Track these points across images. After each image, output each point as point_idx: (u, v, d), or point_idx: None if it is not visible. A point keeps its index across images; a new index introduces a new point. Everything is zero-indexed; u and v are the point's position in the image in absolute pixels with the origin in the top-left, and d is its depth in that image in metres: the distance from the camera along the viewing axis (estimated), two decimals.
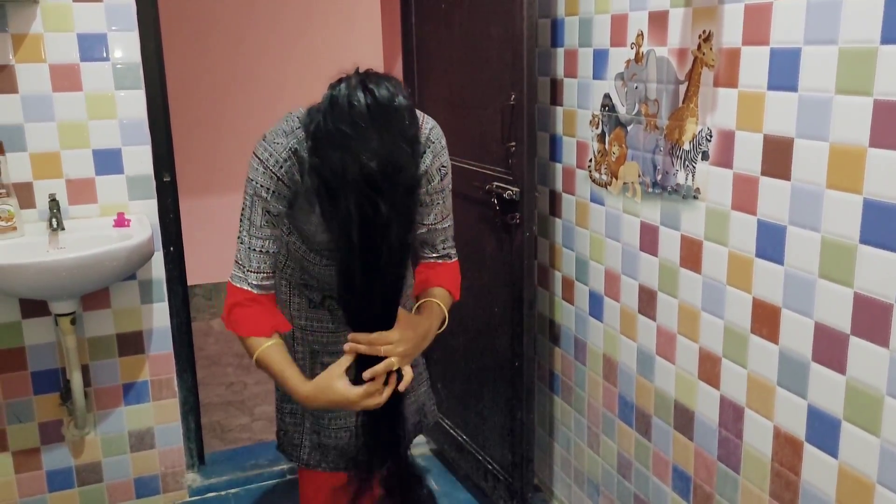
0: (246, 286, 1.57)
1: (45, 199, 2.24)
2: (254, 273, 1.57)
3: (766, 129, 1.46)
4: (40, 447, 2.40)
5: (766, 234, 1.50)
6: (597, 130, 2.02)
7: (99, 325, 2.38)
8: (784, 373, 1.49)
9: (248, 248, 1.56)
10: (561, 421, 2.38)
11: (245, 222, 1.56)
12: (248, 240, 1.56)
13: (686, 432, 1.80)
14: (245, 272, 1.57)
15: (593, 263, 2.11)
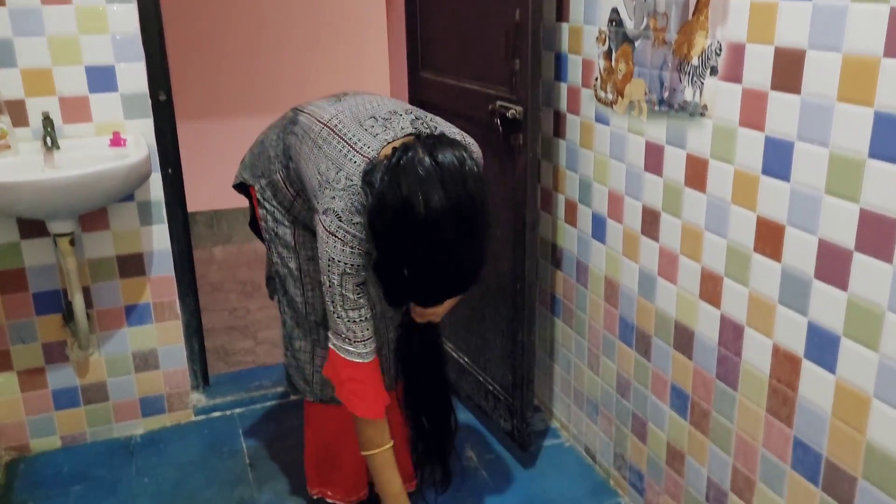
0: (359, 359, 1.59)
1: (38, 117, 2.20)
2: (362, 343, 1.58)
3: (777, 41, 1.42)
4: (45, 367, 2.42)
5: (773, 151, 1.47)
6: (603, 47, 1.97)
7: (99, 246, 2.37)
8: (786, 290, 1.48)
9: (349, 321, 1.56)
10: (561, 343, 2.39)
11: (338, 298, 1.55)
12: (346, 313, 1.56)
13: (685, 351, 1.81)
14: (354, 344, 1.58)
15: (597, 185, 2.09)
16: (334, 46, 4.35)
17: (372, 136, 1.54)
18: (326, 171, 1.54)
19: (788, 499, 1.55)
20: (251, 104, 4.24)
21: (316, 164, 1.58)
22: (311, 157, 1.60)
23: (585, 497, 2.19)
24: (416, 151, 1.41)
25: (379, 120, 1.58)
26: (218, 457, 2.43)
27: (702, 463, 1.80)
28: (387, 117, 1.59)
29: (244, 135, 4.31)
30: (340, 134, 1.57)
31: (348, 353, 1.57)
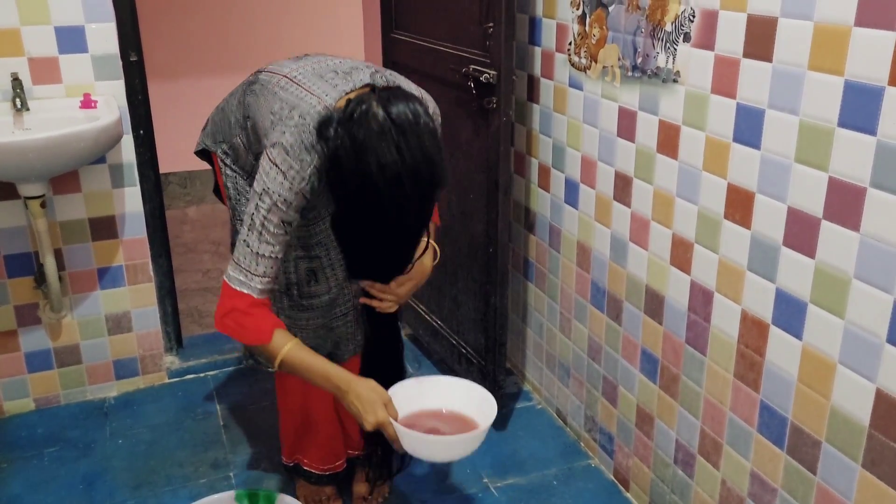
0: (247, 290, 1.52)
1: (7, 79, 2.15)
2: (259, 278, 1.52)
3: (749, 9, 1.42)
4: (17, 329, 2.40)
5: (744, 118, 1.48)
6: (577, 11, 1.96)
7: (70, 208, 2.34)
8: (755, 257, 1.51)
9: (255, 254, 1.50)
10: (534, 307, 2.42)
11: (256, 228, 1.50)
12: (258, 245, 1.50)
13: (656, 316, 1.84)
14: (250, 277, 1.51)
15: (570, 150, 2.09)
16: (308, 4, 4.28)
17: (331, 87, 1.52)
18: (279, 111, 1.52)
19: (754, 461, 1.59)
20: (223, 63, 4.17)
21: (269, 107, 1.56)
22: (266, 105, 1.58)
23: (556, 458, 2.23)
24: (370, 104, 1.39)
25: (339, 73, 1.57)
26: (192, 419, 2.44)
27: (671, 426, 1.84)
28: (347, 71, 1.57)
29: (217, 94, 4.23)
30: (299, 82, 1.55)
31: (241, 283, 1.51)
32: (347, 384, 1.53)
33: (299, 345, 1.56)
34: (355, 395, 1.53)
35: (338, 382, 1.54)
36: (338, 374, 1.55)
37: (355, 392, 1.53)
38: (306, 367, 1.56)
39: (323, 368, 1.56)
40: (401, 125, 1.38)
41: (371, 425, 1.50)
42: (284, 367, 1.56)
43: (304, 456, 2.01)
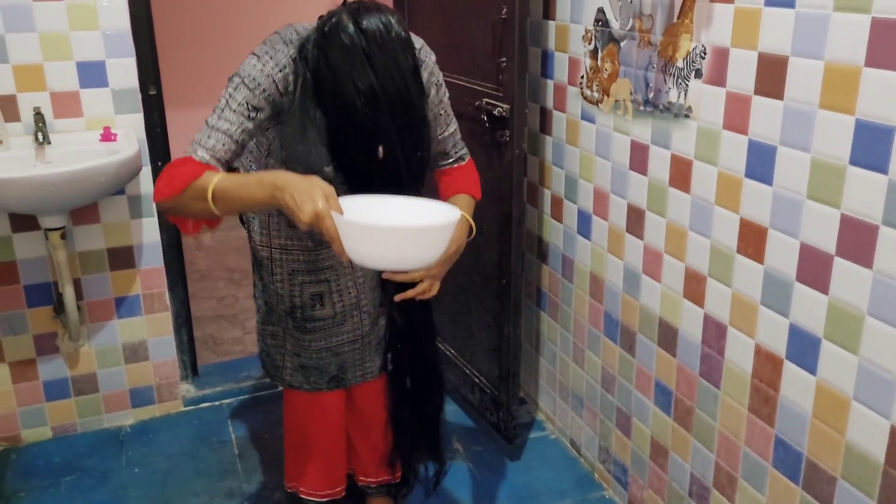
0: (192, 155, 1.45)
1: (29, 113, 2.20)
2: (205, 149, 1.45)
3: (761, 47, 1.44)
4: (36, 358, 2.43)
5: (756, 154, 1.49)
6: (589, 46, 1.98)
7: (89, 239, 2.38)
8: (768, 292, 1.51)
9: (210, 126, 1.47)
10: (547, 336, 2.42)
11: (220, 107, 1.48)
12: (216, 120, 1.47)
13: (669, 349, 1.84)
14: (195, 147, 1.46)
15: (582, 182, 2.11)
16: None
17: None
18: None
19: (770, 496, 1.59)
20: None
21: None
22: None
23: (571, 489, 2.23)
24: (341, 18, 1.41)
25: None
26: (207, 447, 2.45)
27: (685, 459, 1.84)
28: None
29: None
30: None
31: (186, 153, 1.47)
32: (284, 181, 1.34)
33: (232, 174, 1.45)
34: (293, 188, 1.32)
35: (273, 180, 1.36)
36: (273, 175, 1.37)
37: (293, 186, 1.33)
38: (240, 184, 1.40)
39: (256, 176, 1.40)
40: (372, 36, 1.39)
41: (308, 216, 1.29)
42: (219, 200, 1.40)
43: (302, 482, 1.98)
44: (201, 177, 1.40)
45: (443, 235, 1.32)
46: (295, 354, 1.85)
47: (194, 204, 1.42)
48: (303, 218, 1.30)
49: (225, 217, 1.49)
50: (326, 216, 1.29)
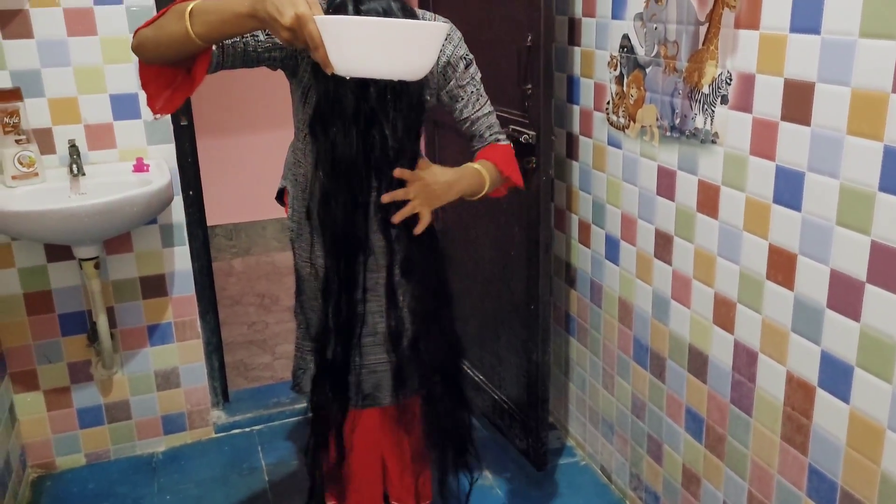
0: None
1: (64, 145, 2.25)
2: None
3: (787, 73, 1.44)
4: (70, 386, 2.47)
5: (784, 180, 1.48)
6: (615, 72, 1.99)
7: (122, 268, 2.42)
8: (798, 319, 1.50)
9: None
10: (576, 362, 2.41)
11: None
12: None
13: (700, 375, 1.82)
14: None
15: (610, 207, 2.11)
16: None
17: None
18: None
19: None
20: (269, 120, 4.30)
21: None
22: None
23: None
24: (344, 1, 1.46)
25: None
26: (238, 474, 2.47)
27: (717, 487, 1.81)
28: None
29: (262, 149, 4.37)
30: None
31: None
32: None
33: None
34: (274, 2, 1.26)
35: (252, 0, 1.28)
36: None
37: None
38: (212, 8, 1.34)
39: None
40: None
41: (289, 19, 1.23)
42: (197, 14, 1.34)
43: (337, 501, 1.99)
44: (178, 4, 1.38)
45: (431, 37, 1.24)
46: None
47: (171, 26, 1.36)
48: (284, 22, 1.23)
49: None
50: (309, 19, 1.23)
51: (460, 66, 1.67)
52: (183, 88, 1.51)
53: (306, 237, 1.79)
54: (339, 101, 1.55)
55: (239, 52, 1.50)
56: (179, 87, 1.52)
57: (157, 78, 1.50)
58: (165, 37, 1.39)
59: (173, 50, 1.40)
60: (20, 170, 2.16)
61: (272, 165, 2.61)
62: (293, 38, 1.26)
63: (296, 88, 1.65)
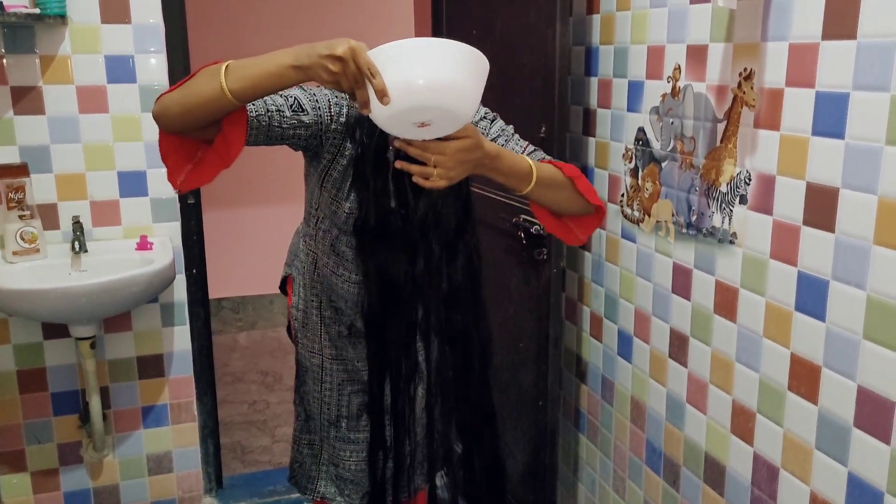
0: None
1: (69, 221, 2.22)
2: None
3: (809, 177, 1.38)
4: (59, 468, 2.38)
5: (806, 288, 1.41)
6: (630, 165, 1.94)
7: (120, 347, 2.36)
8: (823, 436, 1.40)
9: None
10: (586, 461, 2.30)
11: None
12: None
13: (717, 487, 1.71)
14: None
15: (623, 302, 2.03)
16: None
17: None
18: None
19: None
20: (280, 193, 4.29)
21: None
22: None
23: None
24: None
25: None
26: None
27: None
28: None
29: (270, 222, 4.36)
30: None
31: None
32: (311, 44, 1.27)
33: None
34: (319, 43, 1.25)
35: (298, 46, 1.27)
36: (297, 48, 1.28)
37: (319, 42, 1.26)
38: (259, 57, 1.31)
39: (274, 53, 1.30)
40: None
41: (342, 50, 1.21)
42: (233, 70, 1.29)
43: None
44: (216, 65, 1.32)
45: (477, 62, 1.23)
46: (332, 464, 1.78)
47: (202, 85, 1.31)
48: (337, 53, 1.21)
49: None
50: (362, 49, 1.21)
51: (482, 125, 1.63)
52: (211, 162, 1.44)
53: (314, 328, 1.73)
54: (384, 221, 1.51)
55: (264, 126, 1.44)
56: (204, 161, 1.45)
57: (177, 149, 1.43)
58: (194, 97, 1.33)
59: (202, 112, 1.33)
60: (22, 245, 2.13)
61: (282, 239, 2.57)
62: (342, 72, 1.23)
63: (313, 172, 1.61)
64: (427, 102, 1.22)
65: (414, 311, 1.60)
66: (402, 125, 1.28)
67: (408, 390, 1.65)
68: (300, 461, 1.83)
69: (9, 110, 2.15)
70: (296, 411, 1.83)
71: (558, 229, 1.62)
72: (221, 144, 1.39)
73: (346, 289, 1.63)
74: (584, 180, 1.57)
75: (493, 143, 1.51)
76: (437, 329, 1.62)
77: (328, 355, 1.71)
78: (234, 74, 1.29)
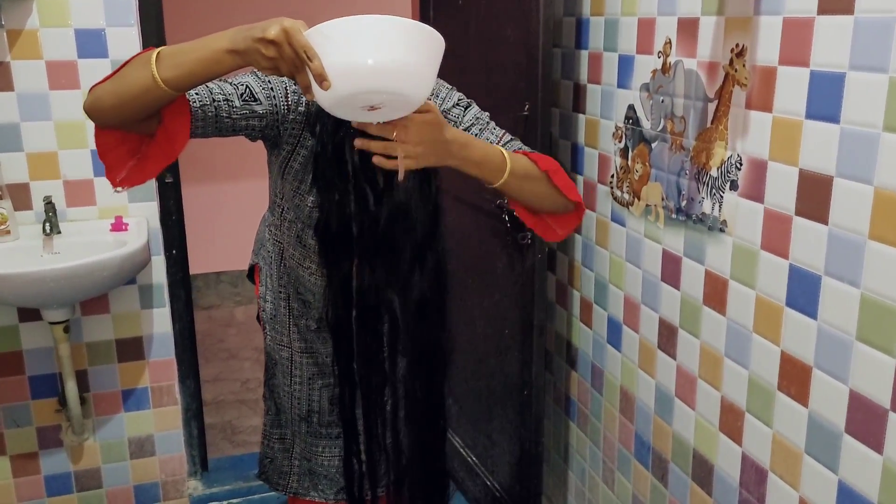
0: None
1: (41, 201, 2.15)
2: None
3: (802, 163, 1.27)
4: (38, 452, 2.34)
5: (798, 282, 1.31)
6: (620, 144, 1.84)
7: (98, 330, 2.29)
8: (813, 440, 1.31)
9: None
10: (576, 449, 2.23)
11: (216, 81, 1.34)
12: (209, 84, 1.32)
13: (704, 486, 1.63)
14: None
15: (612, 287, 1.94)
16: None
17: None
18: None
19: None
20: None
21: None
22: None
23: None
24: None
25: None
26: None
27: None
28: None
29: None
30: None
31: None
32: (246, 26, 1.16)
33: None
34: (253, 25, 1.15)
35: (230, 31, 1.18)
36: (233, 30, 1.18)
37: (253, 24, 1.15)
38: (192, 42, 1.21)
39: (209, 37, 1.20)
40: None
41: (274, 33, 1.11)
42: (165, 57, 1.20)
43: None
44: (130, 64, 1.23)
45: (429, 40, 1.13)
46: (305, 459, 1.71)
47: (133, 74, 1.21)
48: (269, 36, 1.11)
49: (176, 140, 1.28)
50: (296, 30, 1.11)
51: (454, 113, 1.51)
52: (154, 157, 1.36)
53: (282, 320, 1.65)
54: (347, 226, 1.39)
55: (210, 117, 1.34)
56: (147, 156, 1.37)
57: (117, 146, 1.34)
58: (126, 88, 1.23)
59: (136, 104, 1.23)
60: None
61: None
62: (278, 56, 1.12)
63: (273, 161, 1.52)
64: (371, 86, 1.12)
65: (379, 322, 1.50)
66: (349, 109, 1.18)
67: (378, 401, 1.57)
68: (271, 456, 1.76)
69: None
70: (265, 405, 1.76)
71: (536, 225, 1.53)
72: (164, 138, 1.30)
73: (312, 282, 1.55)
74: (562, 175, 1.47)
75: (465, 132, 1.41)
76: (404, 342, 1.52)
77: (297, 348, 1.64)
78: (167, 62, 1.19)
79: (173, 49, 1.21)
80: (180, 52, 1.20)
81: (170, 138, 1.29)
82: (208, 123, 1.34)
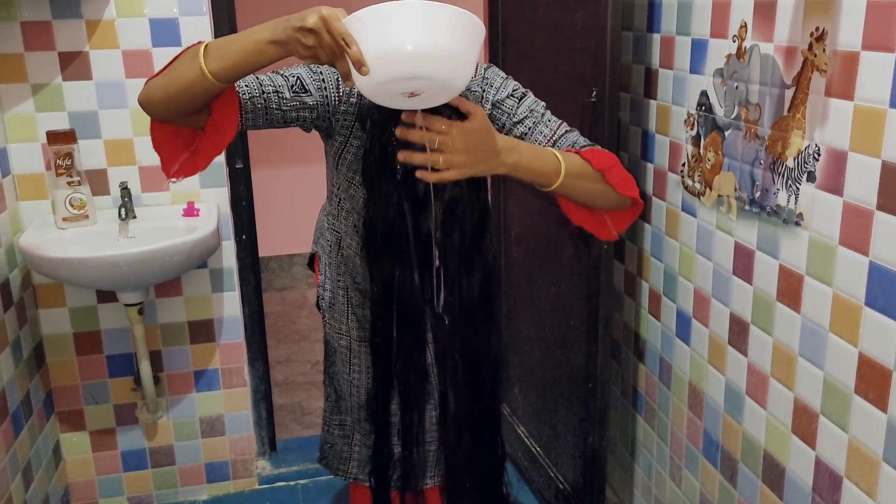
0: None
1: (118, 187, 2.21)
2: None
3: (885, 155, 1.19)
4: (116, 428, 2.43)
5: (878, 281, 1.23)
6: (692, 132, 1.77)
7: (171, 312, 2.36)
8: (892, 447, 1.24)
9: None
10: (643, 443, 2.18)
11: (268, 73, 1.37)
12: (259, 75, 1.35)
13: (776, 489, 1.57)
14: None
15: (682, 280, 1.88)
16: None
17: None
18: None
19: None
20: None
21: None
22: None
23: None
24: None
25: None
26: None
27: None
28: None
29: None
30: None
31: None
32: (286, 17, 1.17)
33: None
34: (294, 14, 1.16)
35: (272, 22, 1.18)
36: (274, 21, 1.19)
37: (295, 14, 1.16)
38: (230, 40, 1.23)
39: (252, 28, 1.21)
40: None
41: (313, 21, 1.11)
42: (212, 50, 1.22)
43: None
44: (182, 58, 1.27)
45: (468, 25, 1.10)
46: (365, 446, 1.72)
47: (182, 69, 1.25)
48: (307, 24, 1.10)
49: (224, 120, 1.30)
50: (335, 18, 1.11)
51: (508, 104, 1.48)
52: (203, 149, 1.40)
53: (340, 309, 1.66)
54: (391, 228, 1.37)
55: (260, 109, 1.37)
56: (199, 149, 1.40)
57: (172, 139, 1.39)
58: (176, 81, 1.27)
59: (185, 96, 1.27)
60: (71, 212, 2.13)
61: None
62: (317, 44, 1.12)
63: (328, 151, 1.53)
64: (409, 71, 1.10)
65: (422, 325, 1.47)
66: (389, 96, 1.17)
67: (417, 405, 1.56)
68: (331, 442, 1.78)
69: (57, 76, 2.13)
70: (325, 392, 1.78)
71: (589, 221, 1.48)
72: (213, 130, 1.31)
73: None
74: (618, 171, 1.42)
75: (514, 138, 1.37)
76: (448, 349, 1.49)
77: (356, 337, 1.64)
78: (214, 54, 1.21)
79: (219, 42, 1.23)
80: (225, 44, 1.22)
81: (218, 130, 1.31)
82: (258, 115, 1.35)
